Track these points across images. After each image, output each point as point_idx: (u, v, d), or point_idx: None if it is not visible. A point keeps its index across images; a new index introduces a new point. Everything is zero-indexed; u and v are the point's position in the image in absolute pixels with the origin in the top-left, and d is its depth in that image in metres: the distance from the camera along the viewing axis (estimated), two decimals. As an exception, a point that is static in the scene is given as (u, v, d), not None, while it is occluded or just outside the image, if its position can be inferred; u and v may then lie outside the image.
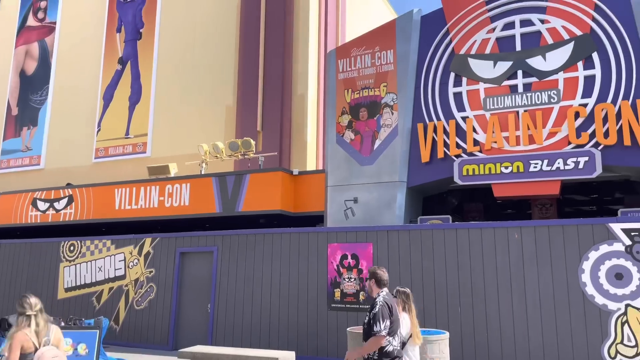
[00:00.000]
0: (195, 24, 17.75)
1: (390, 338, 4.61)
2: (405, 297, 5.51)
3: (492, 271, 8.11)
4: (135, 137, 18.10)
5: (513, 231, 8.10)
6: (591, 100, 9.41)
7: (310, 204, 11.94)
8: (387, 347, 4.58)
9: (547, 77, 9.82)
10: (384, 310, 4.61)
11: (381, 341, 4.53)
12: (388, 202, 10.48)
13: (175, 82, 17.65)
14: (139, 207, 13.24)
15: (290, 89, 15.56)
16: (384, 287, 4.85)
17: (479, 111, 10.21)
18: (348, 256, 9.01)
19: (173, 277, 10.65)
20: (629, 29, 9.34)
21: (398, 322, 4.78)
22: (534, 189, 9.64)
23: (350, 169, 11.10)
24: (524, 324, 7.78)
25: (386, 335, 4.54)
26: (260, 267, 9.82)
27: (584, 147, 9.31)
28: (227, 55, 16.81)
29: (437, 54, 10.78)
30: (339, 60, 11.74)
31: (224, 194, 12.28)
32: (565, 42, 9.77)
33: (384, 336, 4.52)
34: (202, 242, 10.60)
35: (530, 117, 9.77)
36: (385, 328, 4.53)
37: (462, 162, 10.04)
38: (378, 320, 4.54)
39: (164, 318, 10.55)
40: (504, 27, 10.33)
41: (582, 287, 7.54)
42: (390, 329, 4.61)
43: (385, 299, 4.72)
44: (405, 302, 5.47)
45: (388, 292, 4.84)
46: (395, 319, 4.69)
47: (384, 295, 4.75)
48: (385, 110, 10.99)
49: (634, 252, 7.22)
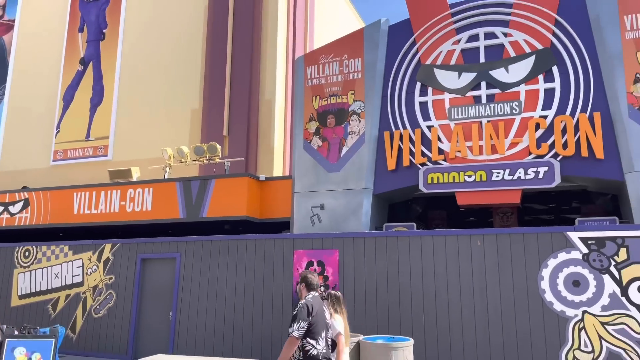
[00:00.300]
0: (161, 26, 17.46)
1: (313, 341, 4.63)
2: (335, 299, 5.59)
3: (455, 278, 8.22)
4: (96, 140, 17.62)
5: (476, 239, 8.24)
6: (551, 113, 9.73)
7: (276, 210, 11.86)
8: (311, 351, 4.59)
9: (510, 89, 10.10)
10: (302, 311, 4.64)
11: (294, 342, 4.55)
12: (354, 209, 10.52)
13: (139, 84, 17.29)
14: (99, 212, 12.86)
15: (258, 94, 15.48)
16: (313, 291, 4.93)
17: (443, 121, 10.40)
18: (314, 263, 8.97)
19: (133, 284, 10.36)
20: (587, 44, 9.72)
21: (322, 325, 4.80)
22: (496, 197, 9.86)
23: (317, 175, 11.10)
24: (486, 330, 7.90)
25: (299, 337, 4.56)
26: (225, 274, 9.67)
27: (543, 157, 9.60)
28: (194, 58, 16.60)
29: (403, 64, 10.93)
30: (307, 67, 11.76)
31: (188, 199, 12.06)
32: (527, 55, 10.08)
33: (295, 337, 4.54)
34: (164, 248, 10.36)
35: (493, 127, 10.01)
36: (299, 329, 4.55)
37: (427, 171, 10.18)
38: (294, 321, 4.59)
39: (124, 326, 10.24)
40: (468, 39, 10.58)
41: (542, 294, 7.72)
42: (309, 331, 4.63)
43: (308, 301, 4.76)
44: (336, 305, 5.54)
45: (315, 296, 4.90)
46: (316, 321, 4.70)
47: (307, 299, 4.79)
48: (352, 117, 11.06)
49: (591, 260, 7.45)
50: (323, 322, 4.83)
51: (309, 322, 4.63)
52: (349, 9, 21.80)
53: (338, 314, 5.46)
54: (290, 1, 16.72)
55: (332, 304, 5.53)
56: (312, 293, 4.92)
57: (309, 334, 4.63)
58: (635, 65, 9.30)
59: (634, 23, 9.43)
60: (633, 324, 7.02)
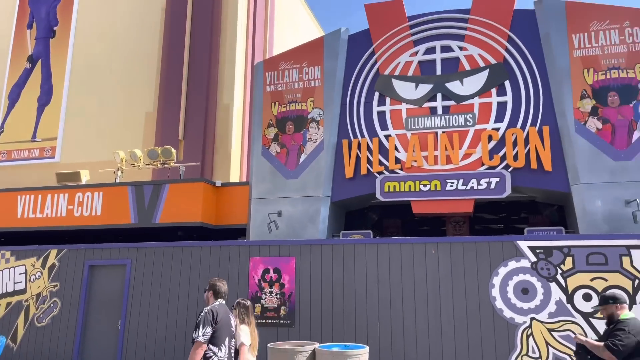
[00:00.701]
0: (115, 25, 16.97)
1: (215, 348, 4.65)
2: (244, 309, 5.66)
3: (410, 285, 8.32)
4: (43, 141, 16.88)
5: (430, 247, 8.38)
6: (503, 125, 10.06)
7: (232, 216, 11.69)
8: (212, 358, 4.62)
9: (464, 102, 10.38)
10: (207, 317, 4.68)
11: (200, 347, 4.57)
12: (312, 216, 10.50)
13: (91, 84, 16.72)
14: (45, 216, 12.29)
15: (216, 98, 15.27)
16: (220, 299, 4.97)
17: (400, 130, 10.57)
18: (270, 270, 8.87)
19: (80, 292, 9.93)
20: (538, 61, 10.14)
21: (226, 333, 4.82)
22: (450, 206, 10.09)
23: (275, 182, 11.03)
24: (439, 336, 8.03)
25: (204, 342, 4.58)
26: (178, 281, 9.42)
27: (495, 168, 9.91)
28: (149, 60, 16.20)
29: (362, 73, 11.06)
30: (267, 73, 11.70)
31: (140, 204, 11.71)
32: (481, 69, 10.41)
33: (201, 342, 4.57)
34: (114, 255, 9.99)
35: (447, 138, 10.25)
36: (204, 334, 4.59)
37: (384, 179, 10.31)
38: (198, 327, 4.62)
39: (68, 336, 9.78)
40: (426, 51, 10.82)
41: (492, 301, 7.92)
42: (213, 337, 4.65)
43: (213, 307, 4.81)
44: (244, 315, 5.59)
45: (222, 304, 4.94)
46: (220, 327, 4.72)
47: (213, 305, 4.84)
48: (311, 125, 11.07)
49: (539, 269, 7.71)
50: (228, 330, 4.85)
51: (213, 328, 4.65)
52: (309, 17, 21.91)
53: (245, 324, 5.50)
54: (250, 6, 16.64)
55: (240, 314, 5.58)
56: (219, 301, 4.96)
57: (212, 341, 4.66)
58: (582, 82, 9.77)
59: (581, 42, 9.92)
60: (578, 331, 7.30)
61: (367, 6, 11.23)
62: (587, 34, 9.91)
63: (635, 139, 9.33)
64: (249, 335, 5.41)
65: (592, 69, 9.76)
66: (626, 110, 9.50)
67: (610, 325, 4.62)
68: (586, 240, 7.62)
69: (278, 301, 8.73)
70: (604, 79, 9.70)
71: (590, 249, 7.50)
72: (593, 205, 9.27)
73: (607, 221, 9.15)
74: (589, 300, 7.36)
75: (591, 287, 7.38)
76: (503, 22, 10.41)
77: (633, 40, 9.71)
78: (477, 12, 10.58)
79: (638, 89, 9.52)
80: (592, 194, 9.32)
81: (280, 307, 8.69)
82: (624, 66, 9.64)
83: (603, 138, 9.49)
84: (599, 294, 7.28)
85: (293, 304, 8.52)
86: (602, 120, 9.56)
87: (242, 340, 5.25)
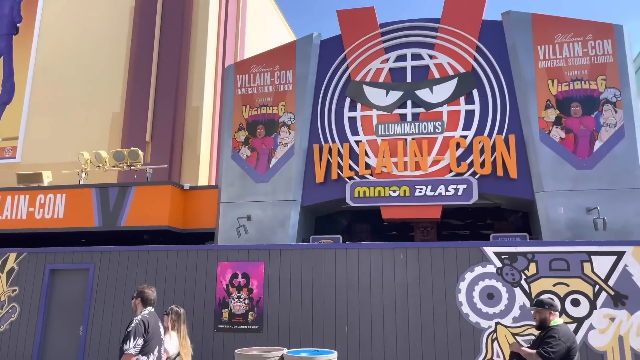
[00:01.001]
0: (81, 23, 16.57)
1: (144, 357, 4.64)
2: (176, 316, 5.64)
3: (378, 290, 8.36)
4: (4, 141, 16.31)
5: (399, 252, 8.44)
6: (470, 133, 10.26)
7: (200, 220, 11.52)
8: None
9: (433, 109, 10.54)
10: (138, 328, 4.65)
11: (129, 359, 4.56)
12: (282, 220, 10.45)
13: (55, 83, 16.26)
14: (4, 218, 11.85)
15: (185, 100, 15.06)
16: (149, 307, 4.93)
17: (371, 136, 10.65)
18: (239, 275, 8.77)
19: (40, 297, 9.59)
20: (505, 70, 10.39)
21: (156, 342, 4.81)
22: (419, 212, 10.21)
23: (245, 185, 10.94)
24: (406, 341, 8.08)
25: (135, 354, 4.57)
26: (143, 286, 9.21)
27: (463, 175, 10.08)
28: (117, 60, 15.88)
29: (334, 79, 11.10)
30: (238, 76, 11.62)
31: (105, 206, 11.42)
32: (450, 77, 10.59)
33: (132, 354, 4.55)
34: (76, 259, 9.70)
35: (417, 144, 10.38)
36: (135, 346, 4.57)
37: (354, 185, 10.35)
38: (129, 339, 4.58)
39: (27, 342, 9.43)
40: (396, 58, 10.94)
41: (459, 306, 8.02)
42: (143, 348, 4.63)
43: (143, 317, 4.77)
44: (175, 322, 5.57)
45: (151, 312, 4.90)
46: (151, 337, 4.71)
47: (143, 314, 4.80)
48: (282, 129, 11.04)
49: (504, 274, 7.86)
50: (158, 339, 4.84)
51: (144, 339, 4.62)
52: (281, 22, 21.90)
53: (174, 331, 5.47)
54: (221, 8, 16.51)
55: (172, 321, 5.55)
56: (149, 308, 4.91)
57: (142, 351, 4.64)
58: (547, 93, 10.05)
59: (546, 53, 10.22)
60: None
61: (340, 12, 11.29)
62: (552, 45, 10.22)
63: (597, 149, 9.65)
64: (177, 344, 5.38)
65: (556, 80, 10.06)
66: (588, 121, 9.82)
67: (541, 330, 4.90)
68: (549, 247, 7.82)
69: (246, 306, 8.63)
70: (568, 90, 10.01)
71: (553, 255, 7.70)
72: (556, 213, 9.52)
73: (569, 228, 9.42)
74: (552, 305, 7.54)
75: (554, 293, 7.56)
76: (472, 32, 10.63)
77: (595, 53, 10.06)
78: (447, 21, 10.78)
79: (600, 100, 9.86)
80: (555, 201, 9.58)
81: (249, 313, 8.59)
82: (587, 78, 9.98)
83: (566, 147, 9.78)
84: (561, 299, 7.48)
85: (261, 309, 8.44)
86: (565, 130, 9.85)
87: (165, 347, 5.21)
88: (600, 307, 7.35)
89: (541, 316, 4.97)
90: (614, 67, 9.95)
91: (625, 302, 7.27)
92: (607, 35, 10.08)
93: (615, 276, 7.43)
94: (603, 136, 9.68)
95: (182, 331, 5.50)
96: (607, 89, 9.86)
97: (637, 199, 9.31)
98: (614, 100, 9.78)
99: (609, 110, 9.77)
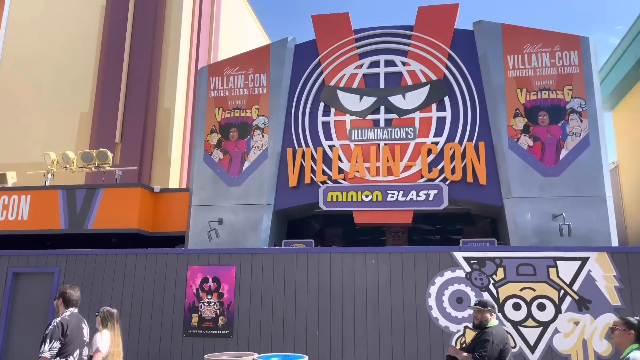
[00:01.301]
0: (50, 19, 16.18)
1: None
2: (109, 315, 5.65)
3: (350, 295, 8.38)
4: (-35, 139, 15.73)
5: (371, 256, 8.49)
6: (442, 140, 10.41)
7: (171, 223, 11.35)
8: None
9: (406, 115, 10.66)
10: (55, 331, 4.64)
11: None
12: (254, 224, 10.39)
13: (21, 81, 15.80)
14: (-36, 220, 11.43)
15: (156, 101, 14.84)
16: (72, 307, 4.92)
17: (344, 141, 10.70)
18: (209, 279, 8.67)
19: (3, 301, 9.28)
20: (475, 79, 10.59)
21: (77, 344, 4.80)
22: (390, 217, 10.30)
23: (217, 189, 10.83)
24: (377, 346, 8.12)
25: (50, 357, 4.57)
26: (110, 291, 9.00)
27: (434, 181, 10.22)
28: (87, 58, 15.54)
29: (308, 83, 11.12)
30: (211, 78, 11.52)
31: (72, 209, 11.14)
32: (422, 84, 10.74)
33: (47, 358, 4.56)
34: (41, 262, 9.42)
35: (389, 150, 10.47)
36: (50, 350, 4.57)
37: (327, 189, 10.38)
38: (45, 341, 4.59)
39: (-13, 349, 9.10)
40: (370, 64, 11.04)
41: (429, 310, 8.11)
42: (61, 350, 4.63)
43: (63, 319, 4.76)
44: (108, 321, 5.59)
45: (74, 313, 4.90)
46: (70, 340, 4.70)
47: (63, 316, 4.79)
48: (256, 132, 10.99)
49: (472, 279, 7.99)
50: (79, 341, 4.81)
51: (62, 342, 4.60)
52: (256, 25, 21.83)
53: (108, 330, 5.47)
54: (195, 9, 16.35)
55: (104, 319, 5.57)
56: (71, 309, 4.88)
57: (60, 354, 4.62)
58: (516, 101, 10.29)
59: (516, 63, 10.47)
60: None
61: (314, 17, 11.33)
62: (521, 55, 10.48)
63: (563, 157, 9.93)
64: (110, 342, 5.35)
65: (525, 89, 10.32)
66: (555, 130, 10.09)
67: (478, 329, 5.18)
68: (516, 252, 7.98)
69: (216, 311, 8.54)
70: (536, 99, 10.27)
71: (520, 260, 7.86)
72: (523, 219, 9.74)
73: (536, 234, 9.65)
74: (518, 310, 7.70)
75: (520, 297, 7.73)
76: (444, 40, 10.81)
77: (562, 64, 10.36)
78: (420, 29, 10.93)
79: (566, 109, 10.15)
80: (523, 207, 9.80)
81: (219, 317, 8.50)
82: (554, 88, 10.26)
83: (533, 155, 10.03)
84: (527, 303, 7.64)
85: (232, 313, 8.36)
86: (533, 138, 10.10)
87: (97, 346, 5.20)
88: (565, 312, 7.54)
89: (482, 316, 5.22)
90: (580, 77, 10.26)
91: (589, 307, 7.48)
92: (574, 47, 10.40)
93: (579, 281, 7.64)
94: (569, 145, 9.96)
95: (116, 330, 5.51)
96: (573, 99, 10.16)
97: (600, 206, 9.61)
98: (580, 110, 10.09)
99: (575, 119, 10.07)
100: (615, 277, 7.57)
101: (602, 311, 7.45)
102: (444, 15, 10.88)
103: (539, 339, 7.57)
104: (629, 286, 7.54)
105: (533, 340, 7.57)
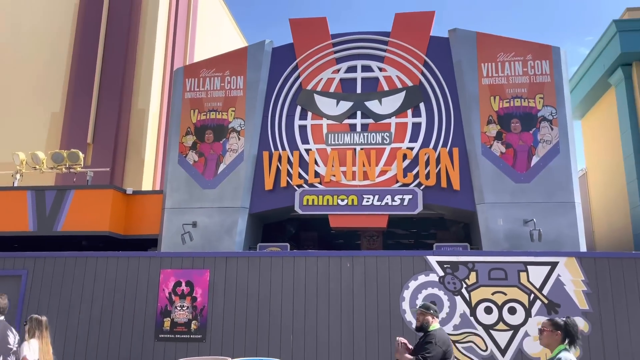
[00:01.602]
0: (21, 16, 15.78)
1: None
2: (37, 323, 5.68)
3: (324, 299, 8.38)
4: None
5: (346, 260, 8.52)
6: (417, 145, 10.53)
7: (143, 226, 11.16)
8: None
9: (382, 120, 10.75)
10: None
11: None
12: (229, 227, 10.30)
13: (-11, 78, 15.35)
14: None
15: (130, 102, 14.60)
16: None
17: (321, 145, 10.72)
18: (182, 283, 8.56)
19: (-35, 306, 8.97)
20: (450, 86, 10.75)
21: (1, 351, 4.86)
22: (366, 221, 10.35)
23: (191, 191, 10.71)
24: (351, 350, 8.14)
25: None
26: (80, 295, 8.80)
27: (408, 186, 10.32)
28: (58, 56, 15.20)
29: (285, 86, 11.11)
30: (187, 79, 11.40)
31: (41, 210, 10.86)
32: (398, 90, 10.84)
33: None
34: (8, 265, 9.15)
35: (365, 155, 10.54)
36: None
37: (303, 192, 10.37)
38: None
39: (-52, 355, 8.78)
40: (347, 69, 11.10)
41: (402, 314, 8.17)
42: None
43: None
44: (35, 329, 5.62)
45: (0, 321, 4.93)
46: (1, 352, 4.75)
47: None
48: (232, 134, 10.91)
49: (446, 283, 8.09)
50: (4, 348, 4.86)
51: None
52: (233, 27, 21.71)
53: (36, 339, 5.50)
54: (171, 9, 16.18)
55: (32, 328, 5.60)
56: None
57: None
58: (489, 109, 10.48)
59: (489, 71, 10.67)
60: (479, 342, 7.72)
61: (292, 21, 11.34)
62: (495, 64, 10.68)
63: (534, 164, 10.14)
64: (38, 350, 5.38)
65: (498, 96, 10.52)
66: (527, 137, 10.31)
67: (421, 331, 5.35)
68: (488, 257, 8.12)
69: (189, 315, 8.43)
70: (508, 107, 10.48)
71: (492, 264, 8.00)
72: (495, 224, 9.91)
73: (507, 239, 9.82)
74: (490, 313, 7.82)
75: (492, 301, 7.86)
76: (420, 47, 10.94)
77: (534, 73, 10.60)
78: (397, 35, 11.05)
79: (537, 117, 10.38)
80: (495, 213, 9.97)
81: (192, 322, 8.39)
82: (526, 96, 10.49)
83: (506, 161, 10.22)
84: (499, 307, 7.77)
85: (205, 317, 8.26)
86: (505, 145, 10.30)
87: (24, 354, 5.23)
88: (534, 315, 7.70)
89: (424, 318, 5.37)
90: (551, 86, 10.51)
91: (557, 310, 7.65)
92: (546, 56, 10.65)
93: (549, 285, 7.82)
94: (540, 152, 10.18)
95: (44, 338, 5.54)
96: (545, 107, 10.40)
97: (570, 212, 9.85)
98: (551, 118, 10.33)
99: (546, 127, 10.31)
100: (584, 282, 7.76)
101: (570, 315, 7.58)
102: (420, 23, 11.02)
103: (510, 342, 7.70)
104: (597, 290, 7.74)
105: (504, 343, 7.71)
